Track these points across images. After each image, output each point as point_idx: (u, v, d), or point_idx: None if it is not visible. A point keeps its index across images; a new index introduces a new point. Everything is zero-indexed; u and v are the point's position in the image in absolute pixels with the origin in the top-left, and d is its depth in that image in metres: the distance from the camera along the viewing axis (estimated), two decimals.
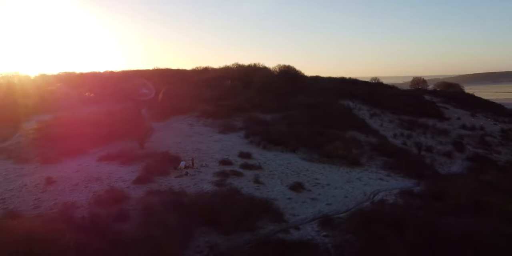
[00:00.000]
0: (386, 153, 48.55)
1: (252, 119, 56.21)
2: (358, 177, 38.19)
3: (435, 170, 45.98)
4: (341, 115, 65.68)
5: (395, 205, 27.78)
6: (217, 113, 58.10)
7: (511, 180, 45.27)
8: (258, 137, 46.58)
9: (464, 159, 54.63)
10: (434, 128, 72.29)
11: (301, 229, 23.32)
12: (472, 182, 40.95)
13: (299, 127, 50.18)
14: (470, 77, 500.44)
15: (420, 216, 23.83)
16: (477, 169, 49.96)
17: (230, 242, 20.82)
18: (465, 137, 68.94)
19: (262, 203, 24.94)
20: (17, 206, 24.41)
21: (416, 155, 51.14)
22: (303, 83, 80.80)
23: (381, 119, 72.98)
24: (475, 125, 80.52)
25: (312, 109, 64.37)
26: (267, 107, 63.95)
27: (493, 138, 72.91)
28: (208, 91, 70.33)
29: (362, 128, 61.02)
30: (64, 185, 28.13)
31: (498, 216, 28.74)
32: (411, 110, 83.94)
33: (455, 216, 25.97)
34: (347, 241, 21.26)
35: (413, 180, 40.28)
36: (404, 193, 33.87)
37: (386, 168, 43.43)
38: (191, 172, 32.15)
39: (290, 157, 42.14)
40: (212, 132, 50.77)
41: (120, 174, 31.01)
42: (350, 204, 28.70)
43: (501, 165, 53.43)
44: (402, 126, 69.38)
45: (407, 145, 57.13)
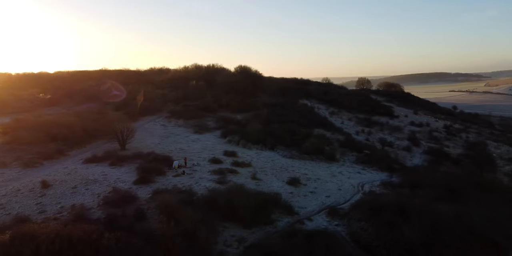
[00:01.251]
0: (355, 149, 51.51)
1: (224, 119, 56.86)
2: (339, 171, 40.46)
3: (401, 163, 49.68)
4: (305, 114, 68.26)
5: (388, 194, 30.02)
6: (187, 114, 58.06)
7: (467, 171, 50.41)
8: (236, 137, 47.35)
9: (421, 153, 59.39)
10: (388, 125, 77.40)
11: (313, 220, 24.70)
12: (437, 173, 45.15)
13: (274, 126, 51.63)
14: (401, 78, 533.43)
15: (417, 203, 26.23)
16: (435, 161, 54.69)
17: (254, 235, 21.65)
18: (416, 133, 74.61)
19: (272, 197, 25.88)
20: (21, 211, 23.20)
21: (381, 150, 54.78)
22: (263, 84, 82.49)
23: (341, 118, 76.87)
24: (422, 122, 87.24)
25: (278, 109, 66.38)
26: (234, 107, 64.89)
27: (439, 134, 79.55)
28: (172, 91, 69.64)
29: (326, 126, 63.93)
30: (62, 188, 27.08)
31: (473, 201, 32.32)
32: (364, 109, 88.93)
33: (440, 203, 28.82)
34: (361, 228, 22.94)
35: (385, 173, 43.35)
36: (385, 184, 36.62)
37: (359, 162, 46.25)
38: (187, 171, 32.24)
39: (271, 154, 43.52)
40: (188, 133, 50.78)
41: (115, 176, 30.39)
42: (347, 196, 30.63)
43: (454, 157, 58.74)
44: (361, 124, 73.61)
45: (370, 141, 60.88)
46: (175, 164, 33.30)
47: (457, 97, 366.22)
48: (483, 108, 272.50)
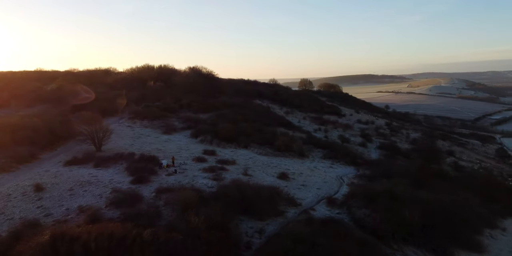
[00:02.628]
0: (319, 146, 54.26)
1: (190, 119, 56.77)
2: (314, 166, 42.72)
3: (362, 158, 53.27)
4: (264, 114, 70.15)
5: (372, 184, 32.54)
6: (150, 114, 57.10)
7: (418, 163, 55.21)
8: (209, 136, 47.79)
9: (375, 148, 63.88)
10: (339, 123, 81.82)
11: (316, 210, 26.35)
12: (396, 165, 49.15)
13: (243, 125, 52.69)
14: (333, 79, 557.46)
15: (403, 191, 28.98)
16: (389, 155, 59.24)
17: (270, 226, 22.76)
18: (365, 130, 79.73)
19: (275, 191, 27.10)
20: (24, 216, 22.11)
21: (342, 146, 58.15)
22: (219, 84, 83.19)
23: (296, 117, 79.82)
24: (368, 120, 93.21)
25: (238, 108, 67.53)
26: (196, 107, 64.91)
27: (384, 130, 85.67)
28: (129, 92, 67.89)
29: (286, 124, 66.36)
30: (58, 191, 25.98)
31: (436, 188, 36.14)
32: (315, 108, 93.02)
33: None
34: (365, 214, 25.01)
35: (351, 167, 46.40)
36: (360, 176, 39.47)
37: (326, 158, 48.91)
38: (177, 170, 32.35)
39: (247, 152, 44.65)
40: (156, 133, 50.16)
41: (107, 177, 29.69)
42: (334, 187, 32.75)
43: (404, 151, 63.95)
44: (315, 122, 77.11)
45: (328, 138, 64.21)
46: (164, 163, 33.23)
47: (385, 97, 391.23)
48: (408, 107, 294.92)
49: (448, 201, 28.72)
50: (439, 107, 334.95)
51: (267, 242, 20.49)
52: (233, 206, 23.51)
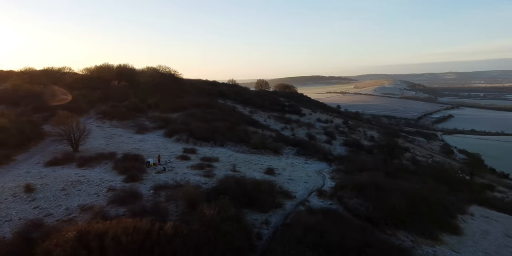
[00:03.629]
0: (289, 144, 55.91)
1: (161, 118, 56.21)
2: (291, 162, 44.17)
3: (332, 154, 55.60)
4: (231, 113, 70.82)
5: (354, 177, 34.38)
6: (118, 114, 55.88)
7: (381, 158, 58.58)
8: (184, 135, 47.74)
9: (340, 145, 66.70)
10: (301, 122, 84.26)
11: (310, 202, 27.61)
12: (363, 160, 51.86)
13: (217, 124, 53.09)
14: (284, 80, 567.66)
15: (385, 181, 31.08)
16: (354, 151, 62.20)
17: (273, 218, 23.67)
18: (327, 128, 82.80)
19: (270, 185, 28.01)
20: (22, 216, 21.32)
21: (311, 144, 60.24)
22: (184, 84, 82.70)
23: (261, 116, 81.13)
24: (327, 119, 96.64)
25: (206, 108, 67.79)
26: (164, 107, 64.29)
27: (343, 129, 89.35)
28: (92, 92, 65.79)
29: (254, 124, 67.45)
30: (51, 191, 25.14)
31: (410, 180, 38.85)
32: (276, 108, 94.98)
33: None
34: (358, 204, 26.63)
35: (324, 162, 48.46)
36: (337, 170, 41.42)
37: (299, 154, 50.61)
38: (167, 168, 32.35)
39: (224, 150, 45.17)
40: (129, 133, 49.28)
41: (95, 176, 29.11)
42: (319, 181, 34.27)
43: (367, 148, 67.33)
44: (280, 121, 78.87)
45: (296, 136, 66.15)
46: (151, 162, 33.04)
47: (334, 97, 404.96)
48: (357, 107, 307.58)
49: (425, 190, 31.22)
50: (385, 107, 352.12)
51: (278, 232, 21.42)
52: (236, 199, 24.16)
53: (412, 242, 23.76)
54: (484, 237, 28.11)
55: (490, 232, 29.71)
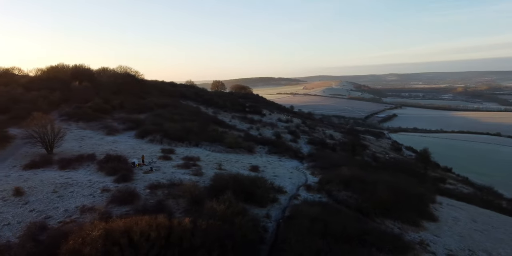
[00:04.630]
0: (259, 143, 57.06)
1: (130, 119, 55.15)
2: (267, 160, 45.35)
3: (301, 152, 57.46)
4: (197, 114, 70.83)
5: (334, 172, 36.13)
6: (84, 116, 54.15)
7: (345, 155, 61.43)
8: (158, 136, 47.31)
9: (305, 143, 68.87)
10: (264, 122, 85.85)
11: (301, 196, 28.82)
12: (332, 157, 54.14)
13: (189, 125, 53.03)
14: (235, 81, 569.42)
15: (364, 175, 33.08)
16: (319, 149, 64.54)
17: (272, 212, 24.60)
18: (289, 127, 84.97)
19: (263, 181, 28.86)
20: (22, 220, 20.57)
21: (280, 142, 61.77)
22: (147, 85, 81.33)
23: (225, 116, 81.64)
24: (287, 119, 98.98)
25: (172, 109, 67.34)
26: (129, 108, 63.03)
27: (304, 128, 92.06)
28: (51, 93, 63.02)
29: (221, 124, 67.96)
30: (42, 194, 24.27)
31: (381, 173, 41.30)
32: (237, 108, 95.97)
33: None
34: (347, 196, 28.23)
35: (296, 160, 50.12)
36: (312, 167, 43.10)
37: (271, 153, 51.93)
38: (148, 168, 32.19)
39: (200, 150, 45.36)
40: (99, 135, 48.03)
41: (83, 178, 28.42)
42: (302, 177, 35.64)
43: (331, 146, 70.07)
44: (244, 121, 79.88)
45: (262, 135, 67.43)
46: (136, 162, 32.72)
47: (285, 98, 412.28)
48: (308, 107, 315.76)
49: (401, 182, 33.64)
50: (334, 107, 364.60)
51: (281, 224, 22.40)
52: (236, 195, 24.82)
53: (399, 229, 25.72)
54: (456, 223, 30.86)
55: (459, 218, 32.63)
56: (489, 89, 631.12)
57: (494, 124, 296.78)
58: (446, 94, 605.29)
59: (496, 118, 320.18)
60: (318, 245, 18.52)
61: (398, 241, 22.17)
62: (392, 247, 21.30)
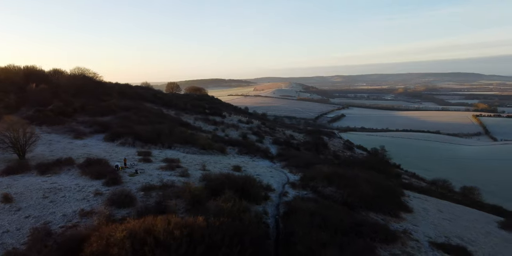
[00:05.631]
0: (229, 144, 57.75)
1: (96, 122, 53.57)
2: (242, 160, 46.15)
3: (270, 152, 58.79)
4: (161, 116, 70.13)
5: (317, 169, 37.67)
6: (47, 119, 51.90)
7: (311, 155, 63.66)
8: (129, 139, 46.53)
9: (270, 143, 70.39)
10: (226, 123, 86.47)
11: (289, 193, 29.99)
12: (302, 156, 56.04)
13: (159, 127, 52.54)
14: (185, 83, 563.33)
15: (343, 171, 34.93)
16: (285, 149, 66.33)
17: (268, 209, 25.54)
18: (251, 128, 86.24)
19: (254, 179, 29.69)
20: (19, 227, 19.94)
21: (248, 143, 62.77)
22: (106, 87, 79.03)
23: (188, 118, 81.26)
24: (247, 120, 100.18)
25: (137, 111, 66.26)
26: (92, 110, 61.13)
27: (265, 129, 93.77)
28: (5, 96, 59.65)
29: (187, 125, 67.83)
30: (32, 200, 23.42)
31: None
32: (199, 110, 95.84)
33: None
34: (333, 191, 29.78)
35: (267, 160, 51.39)
36: (287, 165, 44.53)
37: (242, 153, 52.86)
38: (132, 170, 31.92)
39: (174, 152, 45.31)
40: (66, 138, 46.34)
41: (68, 182, 27.60)
42: (282, 175, 36.85)
43: (295, 146, 72.15)
44: (208, 123, 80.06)
45: (229, 137, 68.09)
46: (119, 165, 32.26)
47: (236, 100, 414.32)
48: (260, 109, 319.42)
49: (376, 177, 35.93)
50: (285, 108, 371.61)
51: (279, 220, 23.42)
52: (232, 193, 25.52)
53: (383, 220, 27.69)
54: (427, 213, 33.54)
55: (428, 209, 35.45)
56: (426, 90, 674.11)
57: (434, 122, 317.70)
58: (388, 94, 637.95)
59: (435, 117, 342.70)
60: (323, 237, 19.76)
61: (387, 231, 24.02)
62: (383, 237, 23.07)
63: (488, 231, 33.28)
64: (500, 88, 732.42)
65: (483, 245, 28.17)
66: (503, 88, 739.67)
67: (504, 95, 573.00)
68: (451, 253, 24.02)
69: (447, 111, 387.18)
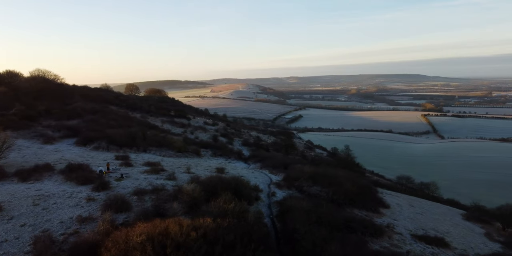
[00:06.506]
0: (201, 146, 57.88)
1: (65, 126, 51.78)
2: (218, 162, 46.66)
3: (243, 153, 59.52)
4: (129, 119, 68.89)
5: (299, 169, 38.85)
6: (11, 124, 49.51)
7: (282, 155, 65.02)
8: (103, 143, 45.57)
9: (240, 145, 71.11)
10: (193, 126, 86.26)
11: (277, 193, 30.91)
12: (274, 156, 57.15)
13: (132, 130, 51.73)
14: (141, 84, 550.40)
15: (323, 170, 36.37)
16: (255, 150, 67.33)
17: (261, 208, 26.34)
18: (218, 130, 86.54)
19: (244, 181, 30.31)
20: (17, 236, 19.36)
21: (220, 145, 63.08)
22: (68, 90, 76.28)
23: (155, 121, 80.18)
24: (213, 122, 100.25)
25: (104, 114, 64.77)
26: (58, 114, 58.98)
27: (231, 130, 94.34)
28: None
29: (156, 128, 67.11)
30: (23, 208, 22.65)
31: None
32: (163, 113, 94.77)
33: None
34: (319, 190, 31.03)
35: (241, 161, 52.21)
36: (265, 166, 45.50)
37: (216, 155, 53.32)
38: (116, 175, 31.59)
39: (151, 155, 44.94)
40: (36, 143, 44.56)
41: (54, 189, 26.86)
42: (264, 176, 37.77)
43: (264, 147, 73.26)
44: (176, 126, 79.44)
45: (199, 139, 68.08)
46: (103, 170, 31.76)
47: (194, 101, 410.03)
48: (219, 110, 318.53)
49: (355, 176, 37.72)
50: (243, 109, 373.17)
51: (275, 219, 24.32)
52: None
53: (366, 216, 29.35)
54: (401, 208, 35.76)
55: (401, 204, 37.75)
56: (378, 91, 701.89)
57: (386, 122, 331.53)
58: (342, 95, 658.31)
59: (387, 116, 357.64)
60: (323, 233, 20.87)
61: (375, 226, 25.63)
62: (372, 231, 24.61)
63: (456, 223, 36.04)
64: (444, 89, 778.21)
65: (456, 236, 30.59)
66: (447, 88, 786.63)
67: (448, 96, 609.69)
68: (432, 244, 26.00)
69: (398, 111, 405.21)
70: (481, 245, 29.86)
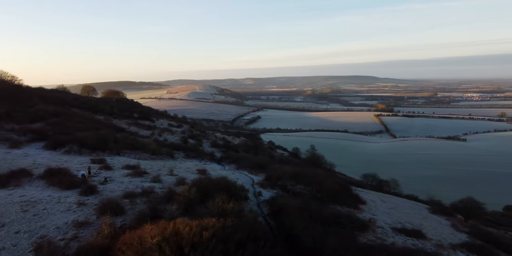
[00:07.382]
0: (172, 148, 57.56)
1: (29, 130, 49.64)
2: (195, 164, 46.83)
3: (215, 155, 59.75)
4: (95, 121, 67.08)
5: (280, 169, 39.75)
6: None
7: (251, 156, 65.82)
8: (75, 146, 44.24)
9: (209, 146, 71.23)
10: (160, 127, 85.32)
11: (263, 193, 31.65)
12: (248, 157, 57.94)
13: (103, 133, 50.50)
14: (94, 85, 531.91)
15: (302, 169, 37.56)
16: (225, 151, 67.77)
17: (252, 207, 26.99)
18: (184, 132, 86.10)
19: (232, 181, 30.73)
20: (15, 243, 18.79)
21: (192, 147, 62.88)
22: (25, 91, 72.78)
23: (120, 123, 78.38)
24: (178, 124, 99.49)
25: (69, 117, 62.77)
26: (20, 117, 56.33)
27: (196, 132, 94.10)
28: None
29: (123, 131, 65.79)
30: (13, 215, 21.87)
31: None
32: (126, 115, 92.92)
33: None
34: (302, 188, 32.11)
35: (215, 162, 52.56)
36: (241, 167, 46.12)
37: (190, 157, 53.26)
38: (98, 179, 31.08)
39: (126, 158, 44.23)
40: (1, 148, 42.47)
41: (39, 194, 26.05)
42: (245, 176, 38.38)
43: (234, 148, 73.77)
44: (143, 128, 78.25)
45: (168, 141, 67.53)
46: (85, 174, 31.10)
47: (151, 103, 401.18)
48: (176, 112, 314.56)
49: (328, 174, 39.27)
50: (201, 111, 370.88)
51: (268, 217, 25.10)
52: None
53: (349, 212, 30.84)
54: (375, 204, 37.75)
55: (374, 200, 39.80)
56: (332, 92, 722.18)
57: (341, 122, 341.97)
58: (298, 96, 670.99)
59: (342, 117, 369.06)
60: (319, 229, 21.94)
61: (360, 221, 27.10)
62: (359, 226, 26.05)
63: (425, 216, 38.57)
64: (394, 90, 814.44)
65: (428, 227, 32.85)
66: (397, 89, 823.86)
67: (398, 96, 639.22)
68: (411, 236, 27.86)
69: (352, 111, 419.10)
70: (451, 236, 32.29)
